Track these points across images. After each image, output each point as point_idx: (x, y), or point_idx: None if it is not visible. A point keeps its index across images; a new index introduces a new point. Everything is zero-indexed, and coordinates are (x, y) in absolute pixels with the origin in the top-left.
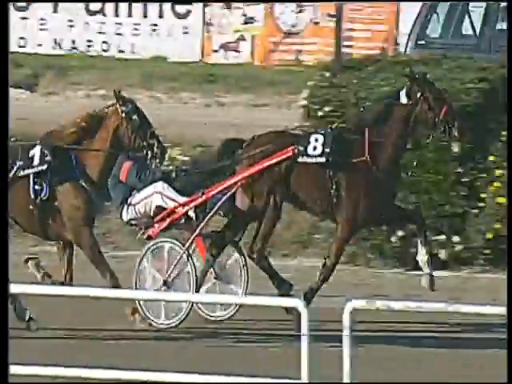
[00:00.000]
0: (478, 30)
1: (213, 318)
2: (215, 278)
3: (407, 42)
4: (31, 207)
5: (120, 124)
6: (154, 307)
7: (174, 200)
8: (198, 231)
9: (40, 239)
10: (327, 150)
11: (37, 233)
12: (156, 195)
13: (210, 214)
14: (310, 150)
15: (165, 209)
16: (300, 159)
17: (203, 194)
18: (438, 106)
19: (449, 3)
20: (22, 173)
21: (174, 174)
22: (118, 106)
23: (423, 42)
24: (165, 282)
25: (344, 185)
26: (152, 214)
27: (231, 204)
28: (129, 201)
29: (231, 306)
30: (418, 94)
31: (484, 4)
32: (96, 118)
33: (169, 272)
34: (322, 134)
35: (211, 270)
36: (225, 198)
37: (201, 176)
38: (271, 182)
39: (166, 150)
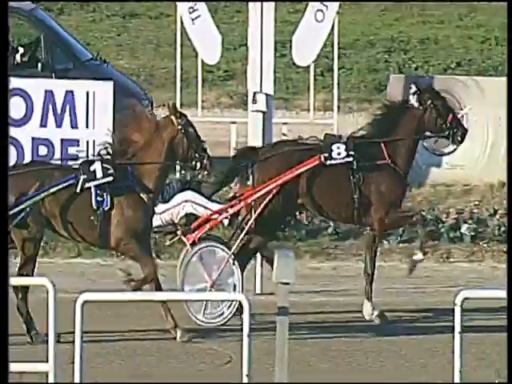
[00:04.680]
0: None
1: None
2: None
3: None
4: (92, 218)
5: (175, 135)
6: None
7: (205, 207)
8: (243, 235)
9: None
10: (351, 152)
11: (96, 243)
12: (186, 204)
13: (253, 217)
14: (334, 156)
15: (195, 216)
16: (328, 162)
17: (240, 200)
18: (445, 113)
19: None
20: (87, 185)
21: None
22: (173, 118)
23: None
24: (212, 285)
25: (372, 187)
26: (177, 221)
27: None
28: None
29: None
30: (429, 102)
31: None
32: (153, 127)
33: (215, 275)
34: (343, 142)
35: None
36: (265, 202)
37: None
38: (297, 189)
39: (213, 163)
